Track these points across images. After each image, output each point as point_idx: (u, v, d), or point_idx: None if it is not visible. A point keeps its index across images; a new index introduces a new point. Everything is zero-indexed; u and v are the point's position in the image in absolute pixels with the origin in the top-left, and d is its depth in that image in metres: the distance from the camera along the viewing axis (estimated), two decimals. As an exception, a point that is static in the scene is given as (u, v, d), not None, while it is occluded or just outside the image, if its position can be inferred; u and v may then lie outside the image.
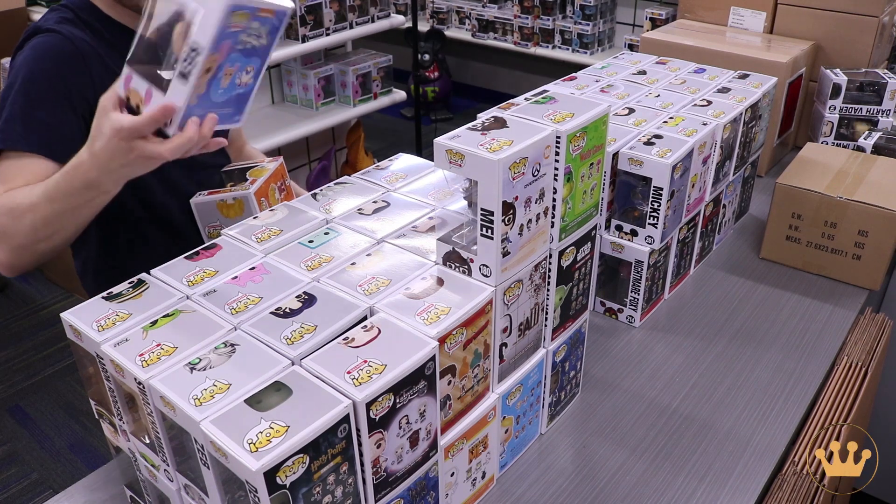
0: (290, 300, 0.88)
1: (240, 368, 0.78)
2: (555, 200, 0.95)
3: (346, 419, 0.72)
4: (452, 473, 0.95)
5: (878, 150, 1.74)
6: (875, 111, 1.86)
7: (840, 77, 1.86)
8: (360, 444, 0.75)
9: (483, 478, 1.03)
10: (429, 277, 0.92)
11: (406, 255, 0.97)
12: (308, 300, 0.88)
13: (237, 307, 0.88)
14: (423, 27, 4.89)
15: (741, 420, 1.18)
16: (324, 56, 3.24)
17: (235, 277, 0.94)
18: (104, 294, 0.91)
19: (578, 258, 1.05)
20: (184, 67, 0.84)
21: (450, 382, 0.87)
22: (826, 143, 1.90)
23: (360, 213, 1.09)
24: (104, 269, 1.39)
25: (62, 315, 0.89)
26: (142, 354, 0.80)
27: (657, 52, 1.81)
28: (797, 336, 1.37)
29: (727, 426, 1.17)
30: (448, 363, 0.85)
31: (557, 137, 0.92)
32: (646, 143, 1.29)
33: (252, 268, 0.96)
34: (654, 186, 1.25)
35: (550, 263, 1.00)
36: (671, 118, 1.39)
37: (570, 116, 0.94)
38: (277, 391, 0.74)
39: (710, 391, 1.24)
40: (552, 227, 0.97)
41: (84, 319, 0.87)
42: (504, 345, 0.96)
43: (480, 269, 0.90)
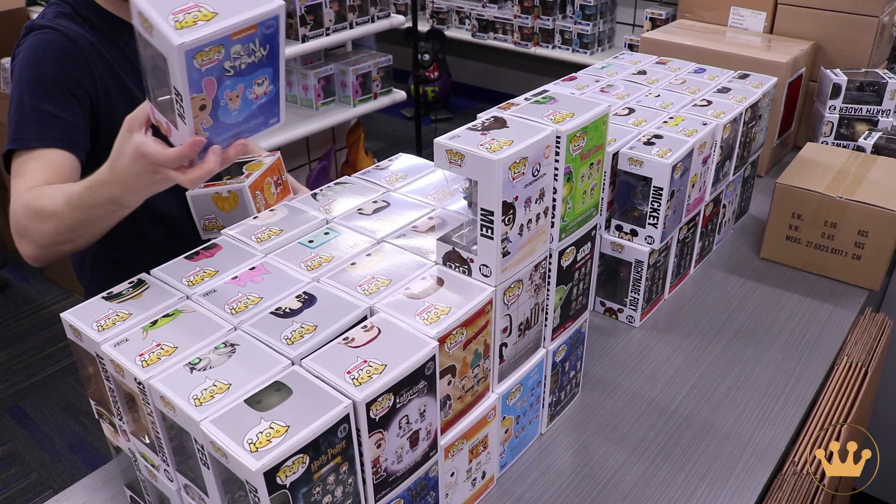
0: (290, 300, 0.88)
1: (240, 368, 0.78)
2: (555, 200, 0.95)
3: (346, 419, 0.72)
4: (452, 473, 0.95)
5: (878, 150, 1.74)
6: (875, 111, 1.86)
7: (840, 77, 1.86)
8: (360, 444, 0.75)
9: (483, 478, 1.03)
10: (429, 277, 0.92)
11: (406, 255, 0.97)
12: (308, 300, 0.88)
13: (237, 307, 0.88)
14: (423, 27, 4.89)
15: (741, 420, 1.18)
16: (324, 56, 3.24)
17: (235, 277, 0.94)
18: (104, 294, 0.92)
19: (578, 258, 1.05)
20: (177, 109, 0.80)
21: (450, 382, 0.87)
22: (826, 143, 1.90)
23: (360, 213, 1.09)
24: (101, 263, 1.39)
25: (62, 315, 0.89)
26: (142, 354, 0.80)
27: (657, 52, 1.81)
28: (797, 336, 1.37)
29: (727, 426, 1.17)
30: (448, 363, 0.85)
31: (557, 137, 0.92)
32: (646, 143, 1.29)
33: (252, 268, 0.96)
34: (654, 186, 1.25)
35: (550, 263, 1.00)
36: (671, 118, 1.39)
37: (570, 116, 0.94)
38: (277, 391, 0.74)
39: (710, 391, 1.24)
40: (552, 227, 0.97)
41: (84, 319, 0.87)
42: (504, 345, 0.96)
43: (480, 269, 0.90)
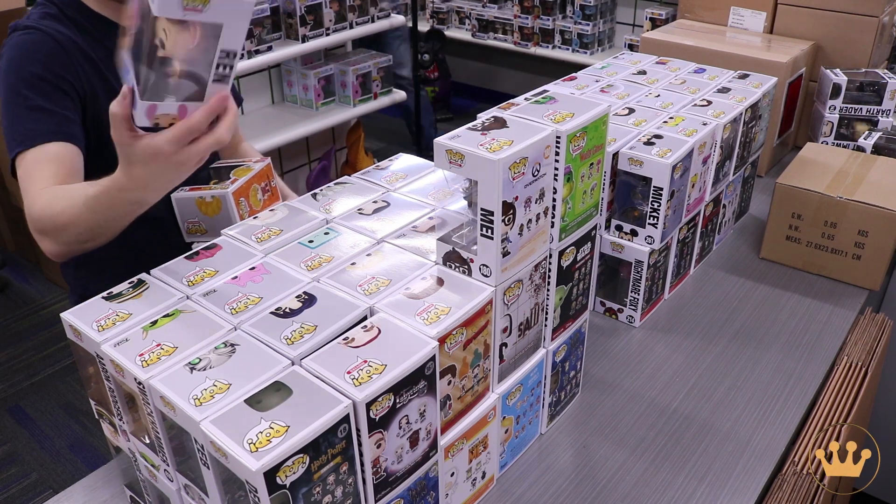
0: (290, 300, 0.88)
1: (240, 368, 0.78)
2: (555, 200, 0.95)
3: (346, 419, 0.72)
4: (452, 473, 0.95)
5: (878, 150, 1.74)
6: (875, 111, 1.86)
7: (840, 77, 1.86)
8: (360, 444, 0.75)
9: (483, 478, 1.03)
10: (429, 277, 0.92)
11: (406, 255, 0.97)
12: (308, 300, 0.88)
13: (237, 307, 0.88)
14: (423, 27, 4.89)
15: (741, 420, 1.18)
16: (324, 56, 3.24)
17: (235, 277, 0.94)
18: (104, 294, 0.91)
19: (578, 258, 1.05)
20: (215, 75, 0.80)
21: (450, 382, 0.87)
22: (826, 143, 1.90)
23: (360, 213, 1.09)
24: (86, 263, 1.37)
25: (62, 315, 0.89)
26: (142, 354, 0.80)
27: (657, 52, 1.81)
28: (797, 336, 1.37)
29: (727, 426, 1.17)
30: (448, 363, 0.85)
31: (557, 137, 0.92)
32: (646, 143, 1.29)
33: (252, 268, 0.96)
34: (654, 186, 1.25)
35: (550, 263, 1.00)
36: (671, 118, 1.39)
37: (570, 116, 0.94)
38: (277, 391, 0.74)
39: (710, 391, 1.24)
40: (552, 227, 0.97)
41: (84, 319, 0.87)
42: (504, 345, 0.96)
43: (480, 269, 0.90)
